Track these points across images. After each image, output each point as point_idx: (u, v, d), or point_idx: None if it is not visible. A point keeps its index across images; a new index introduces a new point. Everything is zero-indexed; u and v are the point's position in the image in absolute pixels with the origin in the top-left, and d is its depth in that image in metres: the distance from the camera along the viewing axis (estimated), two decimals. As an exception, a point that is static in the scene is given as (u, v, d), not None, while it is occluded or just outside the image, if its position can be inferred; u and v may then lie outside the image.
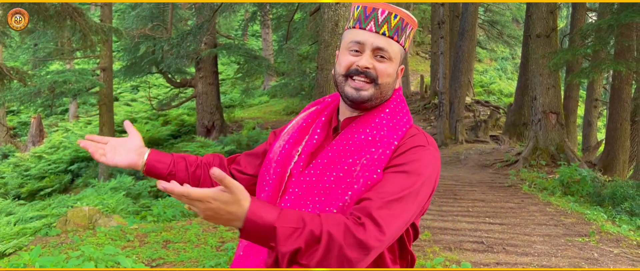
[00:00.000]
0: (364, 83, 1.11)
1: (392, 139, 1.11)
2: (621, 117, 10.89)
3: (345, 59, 1.13)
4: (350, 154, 1.11)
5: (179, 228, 4.56)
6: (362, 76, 1.11)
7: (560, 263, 3.82)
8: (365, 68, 1.11)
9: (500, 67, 30.08)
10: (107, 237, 4.09)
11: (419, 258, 3.75)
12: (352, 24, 1.15)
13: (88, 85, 13.05)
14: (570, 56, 8.09)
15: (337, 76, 1.16)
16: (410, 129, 1.16)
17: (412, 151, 1.10)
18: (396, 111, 1.17)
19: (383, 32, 1.10)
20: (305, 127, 1.23)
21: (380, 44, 1.11)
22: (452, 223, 5.03)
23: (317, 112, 1.25)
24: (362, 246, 0.95)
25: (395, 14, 1.11)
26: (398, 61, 1.16)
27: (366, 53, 1.11)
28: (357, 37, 1.12)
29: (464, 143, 12.97)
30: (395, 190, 1.03)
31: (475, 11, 15.65)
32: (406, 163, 1.07)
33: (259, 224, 0.91)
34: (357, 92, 1.11)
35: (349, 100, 1.14)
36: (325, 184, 1.09)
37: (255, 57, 15.44)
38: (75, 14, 7.01)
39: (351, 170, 1.08)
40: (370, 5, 1.11)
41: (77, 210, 4.92)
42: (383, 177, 1.06)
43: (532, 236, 4.62)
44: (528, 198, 6.79)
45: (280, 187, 1.19)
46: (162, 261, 3.60)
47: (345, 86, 1.14)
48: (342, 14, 6.73)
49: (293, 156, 1.19)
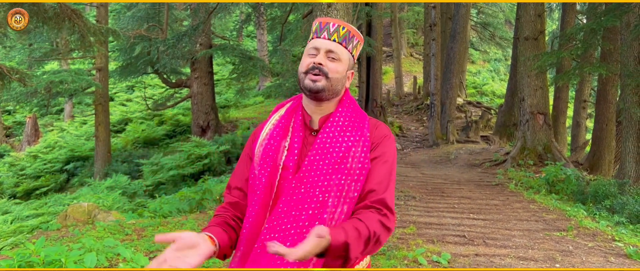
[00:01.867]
0: (317, 76, 1.36)
1: (363, 137, 1.36)
2: (607, 118, 11.17)
3: (305, 60, 1.40)
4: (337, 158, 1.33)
5: (175, 223, 4.75)
6: (317, 70, 1.36)
7: (536, 254, 4.04)
8: (319, 64, 1.36)
9: (493, 68, 30.39)
10: (106, 231, 4.27)
11: (402, 249, 3.96)
12: (312, 35, 1.44)
13: (84, 85, 13.18)
14: (554, 58, 8.33)
15: (299, 74, 1.41)
16: (370, 121, 1.43)
17: (383, 143, 1.39)
18: (355, 109, 1.43)
19: (333, 39, 1.38)
20: (285, 123, 1.43)
21: (331, 47, 1.38)
22: (437, 218, 5.25)
23: (292, 109, 1.47)
24: (389, 231, 1.30)
25: (343, 26, 1.40)
26: (346, 64, 1.42)
27: (320, 54, 1.38)
28: (315, 44, 1.40)
29: (455, 143, 13.21)
30: (384, 177, 1.34)
31: (466, 14, 15.90)
32: (383, 153, 1.37)
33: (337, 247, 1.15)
34: (314, 83, 1.35)
35: (307, 90, 1.38)
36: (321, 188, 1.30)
37: (250, 58, 15.62)
38: (74, 15, 7.18)
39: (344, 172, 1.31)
40: (325, 21, 1.41)
41: (77, 206, 5.10)
42: (371, 168, 1.34)
43: (512, 230, 4.85)
44: (513, 196, 7.02)
45: (272, 189, 1.37)
46: (159, 253, 3.79)
47: (305, 80, 1.38)
48: (334, 17, 6.94)
49: (281, 149, 1.39)
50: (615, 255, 4.18)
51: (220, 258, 1.36)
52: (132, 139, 17.59)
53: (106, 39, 8.52)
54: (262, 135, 1.45)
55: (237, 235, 1.40)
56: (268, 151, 1.39)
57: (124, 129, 19.85)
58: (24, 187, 15.24)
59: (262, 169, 1.38)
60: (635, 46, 8.43)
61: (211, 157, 13.48)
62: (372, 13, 13.69)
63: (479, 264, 3.74)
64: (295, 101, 1.50)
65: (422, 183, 7.75)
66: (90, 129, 19.50)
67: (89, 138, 18.47)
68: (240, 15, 26.94)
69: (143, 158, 14.82)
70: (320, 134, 1.37)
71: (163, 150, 16.37)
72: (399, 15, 24.45)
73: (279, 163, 1.37)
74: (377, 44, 14.40)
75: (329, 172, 1.31)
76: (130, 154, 15.82)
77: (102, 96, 14.64)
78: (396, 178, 1.46)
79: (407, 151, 12.61)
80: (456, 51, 15.54)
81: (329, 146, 1.34)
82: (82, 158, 16.50)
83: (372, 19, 14.58)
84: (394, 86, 21.90)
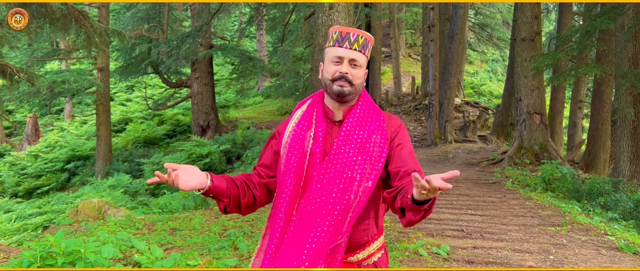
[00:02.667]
0: (345, 84, 1.56)
1: (381, 127, 1.59)
2: (602, 118, 11.38)
3: (331, 68, 1.58)
4: (360, 143, 1.55)
5: (183, 218, 4.91)
6: (343, 79, 1.56)
7: (531, 247, 4.21)
8: (345, 73, 1.56)
9: (491, 69, 30.60)
10: (118, 226, 4.42)
11: (403, 242, 4.13)
12: (332, 43, 1.61)
13: (86, 85, 13.30)
14: (550, 59, 8.51)
15: (325, 80, 1.60)
16: (383, 114, 1.64)
17: (400, 132, 1.63)
18: (371, 104, 1.65)
19: (355, 48, 1.58)
20: (308, 117, 1.63)
21: (353, 56, 1.58)
22: (436, 214, 5.42)
23: (313, 104, 1.68)
24: None
25: (362, 36, 1.59)
26: (365, 67, 1.63)
27: (345, 63, 1.57)
28: (338, 53, 1.58)
29: (453, 142, 13.39)
30: (412, 158, 1.57)
31: (464, 15, 16.08)
32: (403, 140, 1.61)
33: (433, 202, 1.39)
34: (341, 89, 1.56)
35: (335, 96, 1.58)
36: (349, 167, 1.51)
37: (250, 59, 15.77)
38: (80, 16, 7.32)
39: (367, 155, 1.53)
40: (345, 30, 1.59)
41: (87, 202, 5.24)
42: (397, 154, 1.56)
43: (508, 225, 5.02)
44: (510, 194, 7.19)
45: (302, 173, 1.56)
46: (170, 246, 3.95)
47: (333, 86, 1.58)
48: (335, 19, 7.10)
49: (307, 138, 1.59)
50: (607, 248, 4.35)
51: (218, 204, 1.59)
52: (132, 139, 17.71)
53: (111, 40, 8.66)
54: (288, 129, 1.64)
55: (238, 192, 1.60)
56: (296, 140, 1.59)
57: (124, 129, 19.97)
58: (25, 186, 15.33)
59: (291, 156, 1.57)
60: (629, 48, 8.62)
61: (212, 156, 13.62)
62: (371, 14, 13.86)
63: (477, 256, 3.90)
64: (314, 97, 1.70)
65: (421, 181, 7.91)
66: (91, 129, 19.60)
67: (90, 138, 18.57)
68: (240, 15, 27.11)
69: (144, 157, 14.95)
70: (344, 124, 1.58)
71: (163, 150, 16.50)
72: (398, 16, 24.63)
73: (307, 150, 1.56)
74: (376, 45, 14.57)
75: (355, 154, 1.52)
76: (130, 153, 15.94)
77: (103, 96, 14.76)
78: None
79: (406, 151, 12.79)
80: (454, 51, 15.71)
81: (354, 134, 1.56)
82: (83, 157, 16.60)
83: (371, 19, 14.75)
84: (393, 86, 22.08)
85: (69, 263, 3.18)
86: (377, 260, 1.61)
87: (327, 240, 1.44)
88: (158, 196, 10.69)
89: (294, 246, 1.47)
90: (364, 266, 1.58)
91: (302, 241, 1.46)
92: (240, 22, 27.70)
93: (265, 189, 1.67)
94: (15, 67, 6.54)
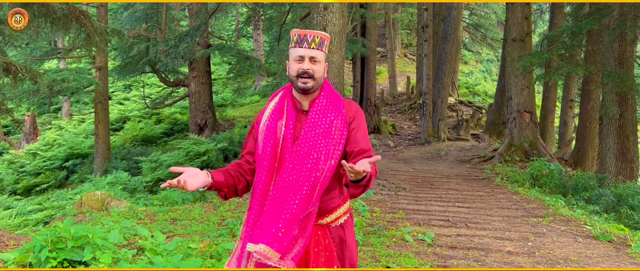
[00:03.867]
0: (307, 79, 1.84)
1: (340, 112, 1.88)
2: (590, 116, 11.66)
3: (295, 66, 1.85)
4: (324, 129, 1.83)
5: (183, 209, 5.14)
6: (305, 75, 1.83)
7: (512, 235, 4.46)
8: (307, 69, 1.83)
9: (485, 69, 30.91)
10: (121, 216, 4.65)
11: (391, 230, 4.37)
12: (293, 44, 1.88)
13: (85, 83, 13.48)
14: (537, 59, 8.78)
15: (291, 77, 1.87)
16: (343, 101, 1.93)
17: (357, 116, 1.91)
18: (333, 93, 1.94)
19: (312, 47, 1.84)
20: (279, 107, 1.91)
21: (312, 54, 1.84)
22: (425, 206, 5.67)
23: (283, 96, 1.96)
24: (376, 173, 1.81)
25: (317, 36, 1.86)
26: (324, 61, 1.90)
27: (306, 61, 1.84)
28: (299, 53, 1.85)
29: (446, 140, 13.66)
30: (365, 139, 1.86)
31: (458, 15, 16.35)
32: (359, 124, 1.89)
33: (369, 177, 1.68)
34: (305, 85, 1.84)
35: (300, 90, 1.86)
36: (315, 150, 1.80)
37: (247, 58, 15.99)
38: (81, 16, 7.53)
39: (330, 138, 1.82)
40: (303, 33, 1.86)
41: (91, 194, 5.46)
42: (352, 136, 1.85)
43: (493, 216, 5.27)
44: (498, 189, 7.46)
45: (276, 156, 1.85)
46: (171, 234, 4.17)
47: (297, 82, 1.85)
48: (330, 19, 7.34)
49: (279, 126, 1.87)
50: (584, 236, 4.61)
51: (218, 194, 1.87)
52: (130, 137, 17.88)
53: (110, 39, 8.88)
54: (263, 118, 1.93)
55: (234, 181, 1.88)
56: (270, 129, 1.87)
57: (121, 128, 20.12)
58: (24, 184, 15.47)
59: (266, 143, 1.86)
60: (615, 48, 8.90)
61: (209, 154, 13.83)
62: (366, 14, 14.10)
63: (460, 242, 4.15)
64: (284, 90, 1.99)
65: (412, 177, 8.17)
66: (89, 128, 19.76)
67: (88, 136, 18.72)
68: (237, 15, 27.31)
69: (142, 155, 15.14)
70: (310, 113, 1.86)
71: (161, 148, 16.70)
72: (393, 17, 24.90)
73: (279, 137, 1.85)
74: (371, 45, 14.81)
75: (320, 139, 1.82)
76: (129, 151, 16.11)
77: (102, 95, 14.93)
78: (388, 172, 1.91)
79: (400, 149, 13.04)
80: (448, 51, 15.98)
81: (318, 121, 1.84)
82: (82, 155, 16.75)
83: (366, 20, 14.99)
84: (388, 85, 22.34)
85: (78, 247, 3.40)
86: (344, 222, 1.91)
87: (299, 209, 1.74)
88: (156, 193, 10.89)
89: (272, 215, 1.76)
90: (332, 228, 1.87)
91: (278, 211, 1.75)
92: (237, 22, 27.91)
93: (254, 173, 1.94)
94: (19, 65, 6.74)
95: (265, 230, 1.74)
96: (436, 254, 3.80)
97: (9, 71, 6.69)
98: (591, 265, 3.69)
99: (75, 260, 3.32)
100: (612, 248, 4.29)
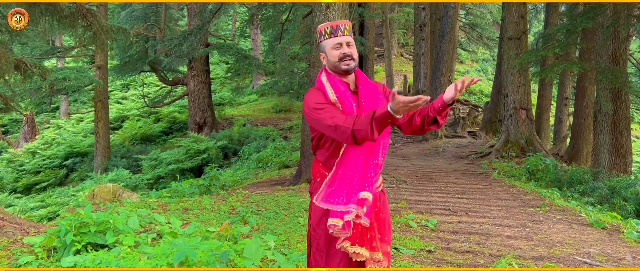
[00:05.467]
0: (349, 61, 2.10)
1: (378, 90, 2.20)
2: (585, 113, 11.91)
3: (335, 52, 2.11)
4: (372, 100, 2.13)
5: (193, 200, 5.30)
6: (347, 57, 2.08)
7: (511, 223, 4.66)
8: (348, 53, 2.09)
9: (481, 68, 31.20)
10: (134, 206, 4.81)
11: (395, 217, 4.56)
12: (327, 36, 2.14)
13: (86, 82, 13.59)
14: (533, 57, 9.00)
15: (333, 63, 2.11)
16: (373, 81, 2.20)
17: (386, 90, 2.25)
18: (364, 75, 2.22)
19: (346, 34, 2.12)
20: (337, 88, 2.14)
21: (348, 40, 2.12)
22: (426, 197, 5.86)
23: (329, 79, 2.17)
24: None
25: (345, 24, 2.14)
26: (355, 45, 2.16)
27: (344, 46, 2.10)
28: (337, 41, 2.11)
29: (443, 138, 13.88)
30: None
31: (455, 15, 16.57)
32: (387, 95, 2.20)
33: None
34: (348, 66, 2.11)
35: (344, 71, 2.12)
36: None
37: (245, 57, 16.15)
38: (88, 14, 7.68)
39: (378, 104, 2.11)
40: (334, 24, 2.14)
41: (103, 186, 5.62)
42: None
43: (492, 206, 5.47)
44: (495, 182, 7.66)
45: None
46: (185, 222, 4.34)
47: (341, 66, 2.10)
48: (332, 18, 7.52)
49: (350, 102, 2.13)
50: (578, 224, 4.82)
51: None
52: (129, 136, 17.98)
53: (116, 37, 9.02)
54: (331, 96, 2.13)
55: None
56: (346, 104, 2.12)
57: (120, 127, 20.21)
58: (24, 182, 15.53)
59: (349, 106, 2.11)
60: (609, 46, 9.14)
61: (209, 152, 13.98)
62: (364, 13, 14.29)
63: (461, 228, 4.35)
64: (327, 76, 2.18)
65: (412, 172, 8.36)
66: (88, 126, 19.84)
67: (87, 135, 18.80)
68: (234, 15, 27.43)
69: (141, 153, 15.27)
70: (360, 92, 2.15)
71: (160, 146, 16.82)
72: (390, 16, 25.12)
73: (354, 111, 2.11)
74: (369, 44, 15.00)
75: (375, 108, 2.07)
76: (128, 150, 16.23)
77: (101, 93, 15.05)
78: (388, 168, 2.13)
79: (398, 146, 13.25)
80: (445, 50, 16.20)
81: (371, 98, 2.14)
82: (81, 153, 16.84)
83: (364, 19, 15.19)
84: (385, 84, 22.56)
85: (100, 232, 3.57)
86: (383, 188, 2.25)
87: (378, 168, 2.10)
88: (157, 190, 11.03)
89: (364, 175, 2.05)
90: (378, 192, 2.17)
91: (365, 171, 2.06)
92: (234, 21, 28.04)
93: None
94: (28, 62, 6.88)
95: (366, 183, 2.02)
96: (439, 238, 3.99)
97: (19, 67, 6.84)
98: (585, 247, 3.89)
99: (98, 243, 3.49)
100: (606, 234, 4.50)
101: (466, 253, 3.60)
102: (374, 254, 2.03)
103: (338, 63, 2.08)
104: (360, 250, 1.99)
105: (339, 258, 2.04)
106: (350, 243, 1.99)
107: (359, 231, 2.01)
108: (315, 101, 2.10)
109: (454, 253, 3.59)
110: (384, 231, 2.11)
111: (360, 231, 2.01)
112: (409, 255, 3.47)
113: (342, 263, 2.04)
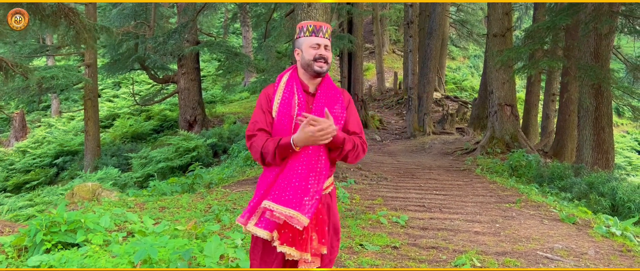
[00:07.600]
0: (323, 63, 2.12)
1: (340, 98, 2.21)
2: (569, 109, 12.03)
3: (312, 52, 2.13)
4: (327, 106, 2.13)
5: (171, 198, 5.36)
6: (322, 59, 2.11)
7: (482, 219, 4.74)
8: (324, 55, 2.12)
9: (472, 64, 31.31)
10: (111, 205, 4.86)
11: (368, 213, 4.64)
12: (308, 34, 2.16)
13: (75, 80, 13.57)
14: (515, 53, 9.09)
15: (306, 61, 2.13)
16: (339, 89, 2.25)
17: (351, 103, 2.26)
18: (331, 81, 2.25)
19: (326, 36, 2.16)
20: (290, 87, 2.16)
21: (326, 43, 2.15)
22: (404, 194, 5.94)
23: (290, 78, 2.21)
24: (365, 151, 2.20)
25: (327, 28, 2.18)
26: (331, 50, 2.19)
27: (321, 48, 2.12)
28: (316, 41, 2.14)
29: (431, 134, 13.97)
30: (358, 124, 2.22)
31: (443, 12, 16.64)
32: (352, 110, 2.23)
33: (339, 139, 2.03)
34: (321, 68, 2.12)
35: (315, 73, 2.13)
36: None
37: (236, 55, 16.16)
38: (70, 13, 7.69)
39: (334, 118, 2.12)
40: (317, 24, 2.17)
41: (82, 185, 5.66)
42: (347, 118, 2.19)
43: (467, 202, 5.56)
44: (477, 178, 7.75)
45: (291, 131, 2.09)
46: (160, 220, 4.40)
47: (314, 66, 2.12)
48: (313, 16, 7.57)
49: (293, 104, 2.11)
50: (549, 219, 4.91)
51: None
52: (120, 134, 17.98)
53: (99, 36, 9.03)
54: (277, 96, 2.15)
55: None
56: (285, 106, 2.12)
57: (111, 125, 20.20)
58: (14, 181, 15.51)
59: (283, 118, 2.11)
60: (590, 43, 9.23)
61: (199, 150, 14.01)
62: (353, 11, 14.34)
63: (432, 224, 4.42)
64: (292, 71, 2.23)
65: (395, 168, 8.44)
66: (78, 125, 19.81)
67: (77, 133, 18.78)
68: (226, 12, 27.41)
69: (132, 152, 15.28)
70: (317, 95, 2.15)
71: (151, 144, 16.83)
72: (381, 13, 25.16)
73: (293, 114, 2.10)
74: (358, 41, 15.06)
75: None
76: (118, 148, 16.23)
77: (91, 92, 15.03)
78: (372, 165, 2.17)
79: (386, 143, 13.32)
80: (433, 47, 16.27)
81: (325, 103, 2.15)
82: (71, 152, 16.83)
83: (353, 16, 15.23)
84: (376, 81, 22.64)
85: (71, 231, 3.62)
86: (330, 191, 2.22)
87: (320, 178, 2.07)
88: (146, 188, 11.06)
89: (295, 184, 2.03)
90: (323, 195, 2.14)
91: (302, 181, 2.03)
92: (226, 19, 28.01)
93: None
94: (10, 61, 6.89)
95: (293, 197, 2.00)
96: (407, 234, 4.07)
97: (0, 67, 6.85)
98: (550, 243, 3.98)
99: (69, 242, 3.54)
100: (575, 229, 4.59)
101: (431, 249, 3.68)
102: (304, 254, 2.08)
103: (312, 62, 2.11)
104: (289, 249, 2.04)
105: (274, 257, 2.10)
106: (280, 242, 2.03)
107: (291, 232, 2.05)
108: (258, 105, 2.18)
109: (418, 249, 3.67)
110: (323, 233, 2.13)
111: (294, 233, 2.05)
112: (373, 252, 3.55)
113: (276, 262, 2.10)
